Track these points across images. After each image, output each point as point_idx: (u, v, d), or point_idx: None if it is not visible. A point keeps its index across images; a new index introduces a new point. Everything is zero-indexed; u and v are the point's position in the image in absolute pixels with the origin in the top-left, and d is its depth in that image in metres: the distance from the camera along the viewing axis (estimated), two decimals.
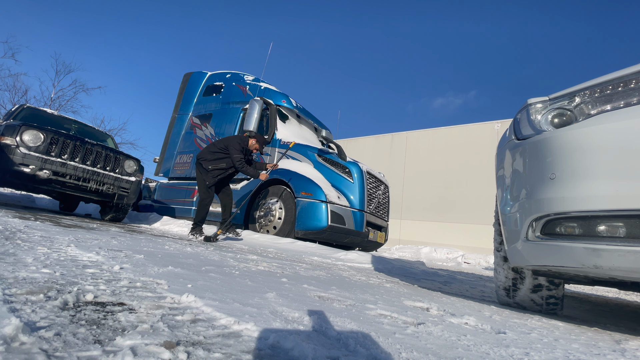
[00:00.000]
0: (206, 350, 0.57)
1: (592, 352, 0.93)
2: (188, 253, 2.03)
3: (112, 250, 1.60)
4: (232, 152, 3.77)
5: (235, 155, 3.76)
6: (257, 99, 5.70)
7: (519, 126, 1.53)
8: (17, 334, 0.51)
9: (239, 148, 3.83)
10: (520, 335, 1.03)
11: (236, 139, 3.93)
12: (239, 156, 3.78)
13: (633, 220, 1.12)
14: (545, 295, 1.69)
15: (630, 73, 1.22)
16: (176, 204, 6.82)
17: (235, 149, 3.80)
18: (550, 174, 1.29)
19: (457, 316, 1.19)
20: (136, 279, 1.04)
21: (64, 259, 1.20)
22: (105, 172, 4.74)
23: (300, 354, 0.61)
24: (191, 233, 3.83)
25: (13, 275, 0.86)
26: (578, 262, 1.23)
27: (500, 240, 1.81)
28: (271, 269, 1.79)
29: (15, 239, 1.54)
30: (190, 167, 6.96)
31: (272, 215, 4.91)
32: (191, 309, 0.80)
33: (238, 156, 3.77)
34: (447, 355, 0.72)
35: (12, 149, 4.00)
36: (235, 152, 3.77)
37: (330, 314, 0.94)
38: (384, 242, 5.67)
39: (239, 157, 3.78)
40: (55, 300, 0.71)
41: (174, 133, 7.73)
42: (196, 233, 3.81)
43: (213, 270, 1.44)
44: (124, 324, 0.64)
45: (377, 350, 0.68)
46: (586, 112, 1.28)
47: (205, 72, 7.75)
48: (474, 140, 10.37)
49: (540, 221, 1.33)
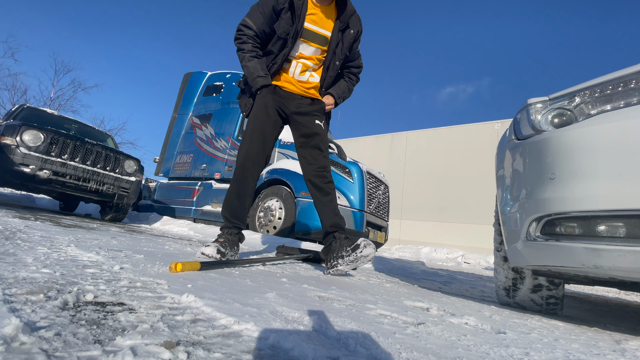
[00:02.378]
0: (206, 350, 0.57)
1: (592, 352, 0.93)
2: (188, 253, 2.03)
3: (112, 250, 1.60)
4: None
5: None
6: None
7: (519, 126, 1.53)
8: (17, 334, 0.51)
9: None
10: (520, 335, 1.03)
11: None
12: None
13: (633, 220, 1.12)
14: (545, 295, 1.69)
15: (630, 73, 1.22)
16: (176, 204, 6.82)
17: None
18: (550, 174, 1.29)
19: (457, 316, 1.19)
20: (136, 279, 1.04)
21: (64, 259, 1.20)
22: (105, 172, 4.74)
23: (300, 354, 0.61)
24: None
25: (13, 275, 0.86)
26: (578, 262, 1.23)
27: (500, 240, 1.81)
28: (271, 269, 1.79)
29: (15, 238, 1.54)
30: (190, 167, 6.96)
31: (272, 215, 4.91)
32: (191, 309, 0.80)
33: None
34: (447, 355, 0.72)
35: (12, 149, 4.01)
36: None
37: (330, 314, 0.94)
38: (384, 242, 5.67)
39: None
40: (55, 300, 0.71)
41: (174, 133, 7.73)
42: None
43: (213, 270, 1.44)
44: (124, 324, 0.64)
45: (377, 350, 0.68)
46: (586, 112, 1.28)
47: (205, 72, 7.75)
48: (474, 140, 10.37)
49: (540, 221, 1.33)
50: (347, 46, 2.04)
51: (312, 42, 2.01)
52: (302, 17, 1.93)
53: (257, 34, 1.97)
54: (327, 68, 2.09)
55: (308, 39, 2.00)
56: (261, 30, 1.97)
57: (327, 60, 2.07)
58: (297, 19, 1.91)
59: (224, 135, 6.48)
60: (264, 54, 2.04)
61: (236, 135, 6.30)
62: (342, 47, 2.03)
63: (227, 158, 6.26)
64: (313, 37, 2.00)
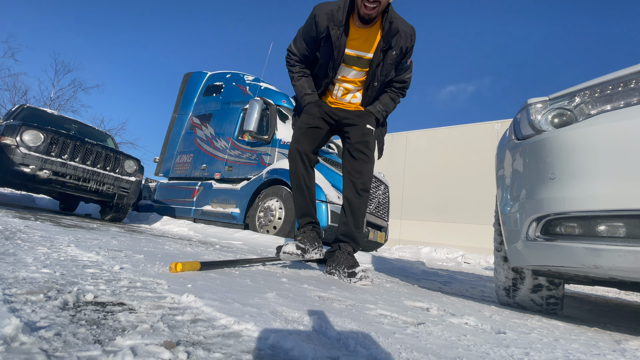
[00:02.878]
0: (206, 350, 0.57)
1: (592, 352, 0.93)
2: (188, 253, 2.03)
3: (112, 250, 1.60)
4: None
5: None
6: (257, 99, 5.70)
7: (519, 126, 1.53)
8: (17, 334, 0.51)
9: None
10: (520, 335, 1.03)
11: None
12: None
13: (633, 220, 1.12)
14: (545, 295, 1.69)
15: (630, 73, 1.22)
16: (176, 204, 6.81)
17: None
18: (550, 174, 1.29)
19: (457, 316, 1.19)
20: (136, 279, 1.04)
21: (64, 259, 1.20)
22: (105, 172, 4.74)
23: (300, 354, 0.61)
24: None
25: (13, 275, 0.86)
26: (578, 262, 1.23)
27: (500, 240, 1.81)
28: (271, 269, 1.79)
29: (15, 238, 1.54)
30: (190, 167, 6.96)
31: (272, 215, 4.91)
32: (191, 309, 0.80)
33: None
34: (447, 355, 0.72)
35: (12, 149, 4.01)
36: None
37: (330, 314, 0.94)
38: (384, 242, 5.67)
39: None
40: (55, 300, 0.71)
41: (174, 133, 7.73)
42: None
43: (213, 270, 1.44)
44: (124, 324, 0.64)
45: (377, 350, 0.68)
46: (586, 112, 1.28)
47: (205, 72, 7.75)
48: (474, 140, 10.37)
49: (540, 221, 1.33)
50: (389, 67, 1.98)
51: (353, 66, 2.02)
52: (342, 46, 1.92)
53: (301, 59, 2.09)
54: (367, 88, 2.07)
55: (349, 64, 2.01)
56: (304, 55, 2.06)
57: (367, 81, 2.04)
58: (336, 49, 1.91)
59: (224, 135, 6.47)
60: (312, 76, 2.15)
61: (236, 135, 6.30)
62: (382, 67, 1.97)
63: (227, 158, 6.26)
64: (355, 62, 2.00)
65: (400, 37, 1.91)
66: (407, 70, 2.11)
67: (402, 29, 1.90)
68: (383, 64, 1.96)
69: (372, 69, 1.98)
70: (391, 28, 1.87)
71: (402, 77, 2.11)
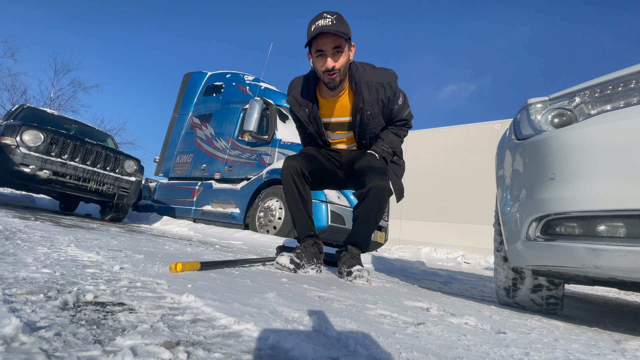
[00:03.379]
0: (206, 350, 0.57)
1: (592, 352, 0.93)
2: (188, 253, 2.03)
3: (112, 250, 1.61)
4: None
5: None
6: (257, 99, 5.70)
7: (519, 126, 1.53)
8: (17, 334, 0.51)
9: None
10: (520, 335, 1.03)
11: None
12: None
13: (633, 220, 1.12)
14: (545, 295, 1.69)
15: (630, 73, 1.22)
16: (176, 204, 6.81)
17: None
18: (550, 174, 1.29)
19: (457, 316, 1.19)
20: (136, 279, 1.04)
21: (64, 259, 1.20)
22: (106, 172, 4.74)
23: (300, 354, 0.61)
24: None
25: (13, 275, 0.86)
26: (578, 262, 1.23)
27: (500, 240, 1.81)
28: (271, 269, 1.79)
29: (15, 239, 1.54)
30: (190, 167, 6.96)
31: (272, 215, 4.91)
32: (191, 309, 0.80)
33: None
34: (447, 355, 0.72)
35: (12, 149, 4.01)
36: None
37: (330, 314, 0.94)
38: (384, 242, 5.67)
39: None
40: (55, 300, 0.71)
41: (174, 133, 7.73)
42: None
43: (213, 270, 1.44)
44: (124, 324, 0.64)
45: (377, 350, 0.68)
46: (586, 112, 1.28)
47: (205, 72, 7.75)
48: (474, 140, 10.37)
49: (540, 221, 1.33)
50: (374, 121, 1.95)
51: (337, 131, 2.07)
52: (317, 118, 2.00)
53: (308, 141, 2.21)
54: (359, 144, 2.09)
55: (332, 130, 2.07)
56: (303, 134, 2.21)
57: (357, 139, 2.06)
58: (312, 123, 2.01)
59: (224, 135, 6.47)
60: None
61: (236, 135, 6.30)
62: (367, 124, 1.95)
63: (227, 158, 6.26)
64: (337, 127, 2.04)
65: (373, 92, 1.88)
66: (402, 109, 2.05)
67: (375, 82, 1.87)
68: (366, 122, 1.94)
69: (356, 129, 1.99)
70: (358, 90, 1.87)
71: (399, 117, 2.07)
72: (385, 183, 1.83)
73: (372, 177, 1.84)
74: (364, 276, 1.79)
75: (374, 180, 1.82)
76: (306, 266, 1.87)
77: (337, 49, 1.74)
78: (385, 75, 1.91)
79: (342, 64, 1.78)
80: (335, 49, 1.74)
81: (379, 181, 1.81)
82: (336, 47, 1.74)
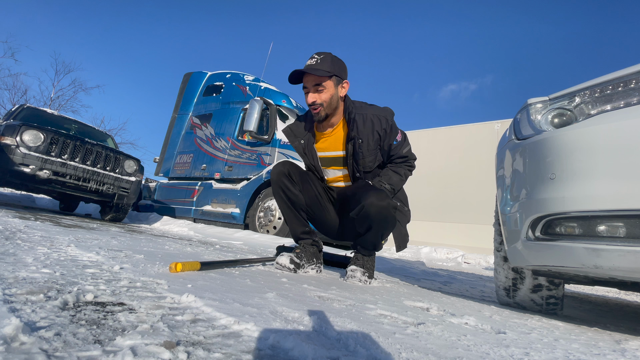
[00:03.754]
0: (206, 350, 0.57)
1: (592, 352, 0.93)
2: (188, 253, 2.03)
3: (112, 250, 1.61)
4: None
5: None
6: (257, 99, 5.70)
7: (519, 126, 1.53)
8: (17, 334, 0.51)
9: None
10: (520, 335, 1.03)
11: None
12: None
13: (633, 220, 1.12)
14: (545, 295, 1.69)
15: (630, 73, 1.22)
16: (176, 204, 6.82)
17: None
18: (550, 174, 1.29)
19: (457, 316, 1.19)
20: (136, 279, 1.04)
21: (64, 259, 1.20)
22: (106, 172, 4.74)
23: (300, 354, 0.61)
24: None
25: (13, 275, 0.86)
26: (578, 262, 1.23)
27: (500, 240, 1.81)
28: (271, 269, 1.79)
29: (15, 239, 1.54)
30: (190, 167, 6.96)
31: (272, 215, 4.91)
32: (191, 309, 0.80)
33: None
34: (447, 355, 0.72)
35: (12, 149, 4.01)
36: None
37: (330, 314, 0.94)
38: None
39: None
40: (55, 300, 0.71)
41: (174, 133, 7.73)
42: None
43: (213, 270, 1.44)
44: (124, 324, 0.64)
45: (377, 350, 0.68)
46: (586, 112, 1.28)
47: (205, 72, 7.76)
48: (474, 140, 10.37)
49: (541, 221, 1.33)
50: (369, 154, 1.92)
51: (331, 167, 2.08)
52: (313, 151, 2.03)
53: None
54: (353, 180, 2.04)
55: (326, 165, 2.08)
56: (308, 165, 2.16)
57: (350, 175, 2.02)
58: (307, 155, 2.05)
59: (224, 135, 6.48)
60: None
61: (236, 135, 6.29)
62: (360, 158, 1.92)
63: (227, 158, 6.26)
64: (330, 162, 2.06)
65: (368, 123, 1.88)
66: (401, 146, 1.99)
67: (370, 114, 1.89)
68: (357, 151, 1.91)
69: (349, 161, 1.97)
70: (351, 119, 1.90)
71: (399, 154, 1.99)
72: (382, 202, 1.72)
73: (367, 195, 1.74)
74: (356, 276, 1.81)
75: (370, 198, 1.72)
76: (306, 266, 1.88)
77: (317, 86, 1.85)
78: (381, 110, 1.94)
79: (323, 99, 1.85)
80: (316, 86, 1.85)
81: (375, 198, 1.71)
82: (317, 84, 1.85)
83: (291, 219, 2.00)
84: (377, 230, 1.83)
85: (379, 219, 1.76)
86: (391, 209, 1.76)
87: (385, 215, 1.76)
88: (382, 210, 1.73)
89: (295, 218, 1.99)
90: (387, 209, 1.75)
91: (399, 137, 1.97)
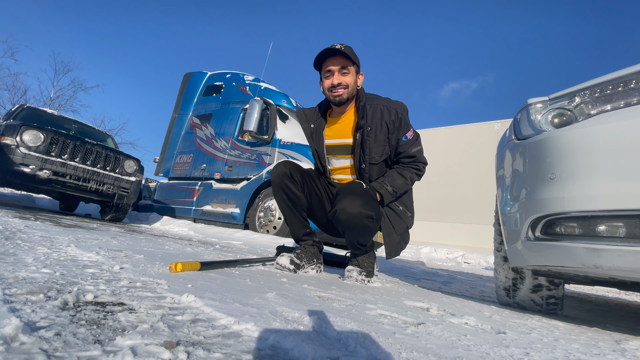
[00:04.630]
0: (206, 350, 0.57)
1: (592, 352, 0.93)
2: (188, 253, 2.04)
3: (112, 250, 1.61)
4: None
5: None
6: (257, 99, 5.70)
7: (519, 126, 1.53)
8: (17, 334, 0.51)
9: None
10: (520, 335, 1.03)
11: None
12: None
13: (633, 220, 1.12)
14: (545, 295, 1.69)
15: (630, 73, 1.22)
16: (176, 204, 6.81)
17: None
18: (550, 174, 1.29)
19: (457, 316, 1.19)
20: (136, 279, 1.04)
21: (64, 259, 1.20)
22: (106, 172, 4.74)
23: (300, 354, 0.61)
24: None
25: (13, 275, 0.86)
26: (578, 262, 1.23)
27: (500, 240, 1.81)
28: (271, 269, 1.79)
29: (15, 239, 1.54)
30: (190, 167, 6.96)
31: (272, 215, 4.91)
32: (191, 309, 0.80)
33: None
34: (447, 355, 0.72)
35: (12, 149, 4.01)
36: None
37: (330, 314, 0.94)
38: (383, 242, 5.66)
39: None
40: (55, 300, 0.71)
41: (174, 133, 7.73)
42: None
43: (213, 270, 1.44)
44: (124, 324, 0.64)
45: (377, 350, 0.68)
46: (586, 112, 1.28)
47: (205, 72, 7.76)
48: (474, 140, 10.36)
49: (541, 221, 1.33)
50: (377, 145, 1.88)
51: (336, 155, 2.04)
52: (321, 137, 2.04)
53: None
54: (358, 172, 1.98)
55: (332, 153, 2.05)
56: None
57: (356, 165, 1.97)
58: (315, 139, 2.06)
59: (224, 135, 6.47)
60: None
61: (236, 135, 6.29)
62: (367, 148, 1.88)
63: (227, 158, 6.26)
64: (337, 150, 2.03)
65: (377, 113, 1.87)
66: (411, 144, 1.92)
67: (382, 105, 1.88)
68: (365, 140, 1.88)
69: (356, 150, 1.93)
70: (362, 106, 1.89)
71: (407, 152, 1.92)
72: (353, 210, 1.63)
73: (344, 198, 1.67)
74: (352, 276, 1.82)
75: (342, 203, 1.65)
76: (306, 266, 1.87)
77: (344, 69, 1.86)
78: (392, 102, 1.93)
79: (348, 82, 1.87)
80: (343, 69, 1.86)
81: (347, 204, 1.64)
82: (343, 68, 1.85)
83: (292, 220, 1.96)
84: (350, 236, 1.80)
85: (349, 227, 1.72)
86: (363, 218, 1.65)
87: (355, 223, 1.67)
88: (351, 218, 1.66)
89: (296, 219, 1.95)
90: (358, 218, 1.65)
91: (409, 134, 1.92)
